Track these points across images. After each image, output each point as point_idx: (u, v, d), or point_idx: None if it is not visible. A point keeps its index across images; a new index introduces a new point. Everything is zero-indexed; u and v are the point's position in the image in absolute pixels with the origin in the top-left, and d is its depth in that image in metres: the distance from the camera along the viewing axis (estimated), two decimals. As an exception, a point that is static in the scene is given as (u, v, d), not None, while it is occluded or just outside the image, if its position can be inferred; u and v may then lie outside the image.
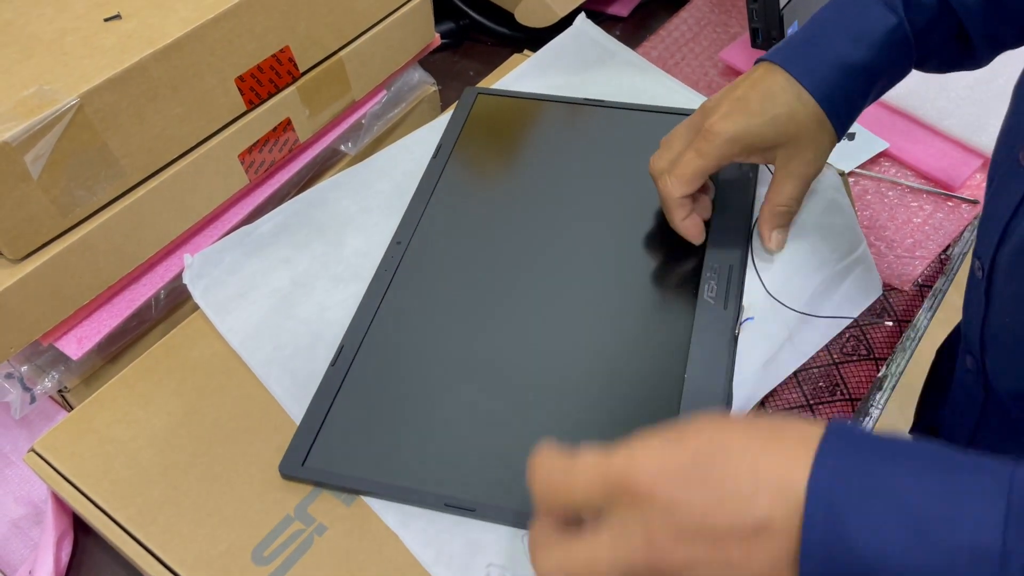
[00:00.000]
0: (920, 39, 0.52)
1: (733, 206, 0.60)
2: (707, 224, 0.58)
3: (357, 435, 0.49)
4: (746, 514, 0.30)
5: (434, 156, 0.65)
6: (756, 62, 0.56)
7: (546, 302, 0.55)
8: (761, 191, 0.62)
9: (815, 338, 0.56)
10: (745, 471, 0.31)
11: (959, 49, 0.54)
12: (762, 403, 0.56)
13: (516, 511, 0.46)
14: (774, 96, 0.52)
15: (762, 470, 0.30)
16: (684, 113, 0.66)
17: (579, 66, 0.74)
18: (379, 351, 0.53)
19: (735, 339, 0.52)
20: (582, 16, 0.78)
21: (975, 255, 0.51)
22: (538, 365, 0.52)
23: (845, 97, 0.52)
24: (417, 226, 0.60)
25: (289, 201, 0.63)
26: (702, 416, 0.34)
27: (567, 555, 0.33)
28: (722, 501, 0.30)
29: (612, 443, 0.34)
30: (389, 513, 0.47)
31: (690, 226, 0.56)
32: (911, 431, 0.80)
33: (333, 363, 0.52)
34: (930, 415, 0.73)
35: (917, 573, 0.28)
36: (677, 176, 0.53)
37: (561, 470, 0.34)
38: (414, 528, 0.47)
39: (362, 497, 0.48)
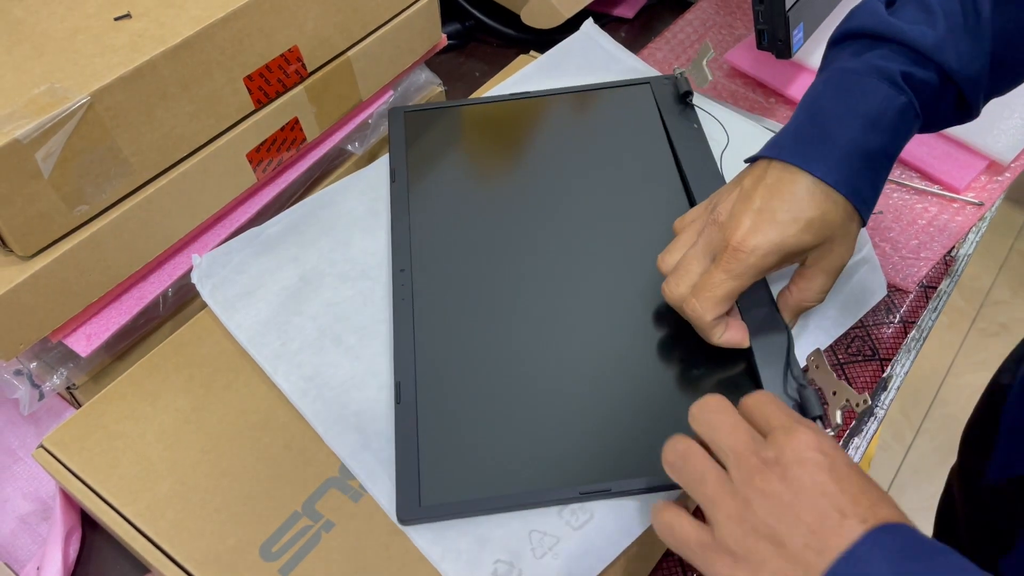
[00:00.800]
0: (925, 112, 0.51)
1: (697, 157, 0.63)
2: (684, 180, 0.62)
3: (457, 460, 0.49)
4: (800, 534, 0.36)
5: (393, 181, 0.65)
6: (753, 159, 0.52)
7: (561, 284, 0.57)
8: (713, 146, 0.66)
9: (820, 338, 0.57)
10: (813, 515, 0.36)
11: (958, 113, 0.54)
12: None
13: (647, 475, 0.47)
14: (801, 200, 0.48)
15: (819, 520, 0.36)
16: (611, 87, 0.71)
17: (585, 71, 0.74)
18: (436, 375, 0.53)
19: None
20: (589, 21, 0.78)
21: None
22: (581, 342, 0.54)
23: (871, 186, 0.50)
24: (411, 250, 0.59)
25: (296, 204, 0.64)
26: (808, 438, 0.38)
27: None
28: (796, 519, 0.36)
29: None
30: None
31: (731, 338, 0.51)
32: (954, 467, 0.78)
33: (398, 400, 0.51)
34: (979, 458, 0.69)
35: None
36: (708, 300, 0.49)
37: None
38: (421, 524, 0.47)
39: (369, 492, 0.48)
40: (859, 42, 0.52)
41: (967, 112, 0.54)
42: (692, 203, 0.61)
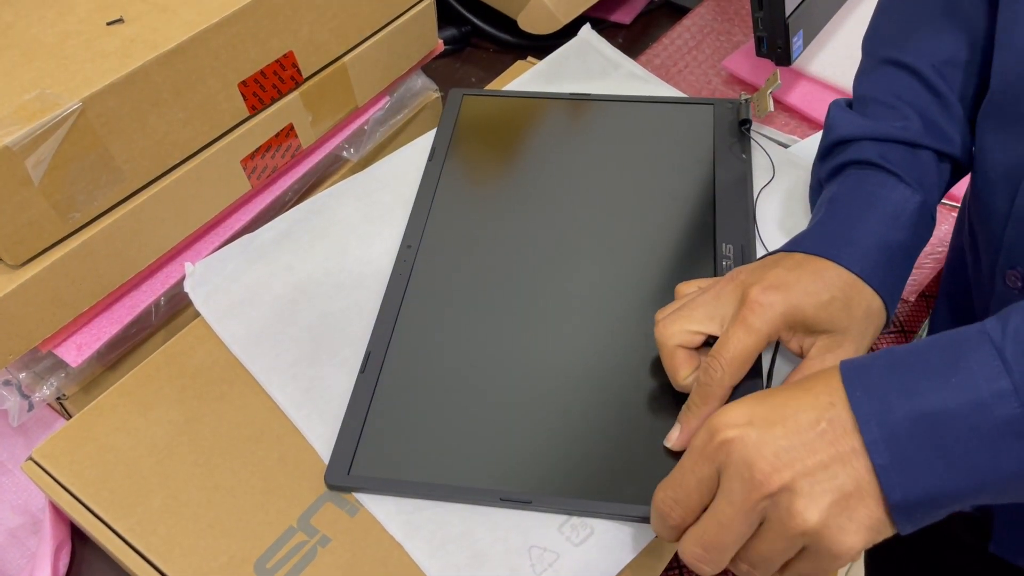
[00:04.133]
0: (934, 197, 0.52)
1: (733, 191, 0.61)
2: (713, 211, 0.60)
3: (399, 439, 0.49)
4: (816, 407, 0.37)
5: (430, 159, 0.65)
6: (774, 252, 0.50)
7: (561, 291, 0.56)
8: (757, 177, 0.63)
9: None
10: (797, 392, 0.38)
11: (956, 178, 0.55)
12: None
13: (572, 499, 0.46)
14: (828, 280, 0.46)
15: (808, 387, 0.38)
16: (673, 102, 0.69)
17: (582, 76, 0.73)
18: (406, 354, 0.53)
19: None
20: (587, 27, 0.77)
21: None
22: (567, 353, 0.52)
23: (895, 281, 0.49)
24: (424, 229, 0.60)
25: (291, 210, 0.63)
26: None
27: (699, 532, 0.39)
28: (796, 412, 0.37)
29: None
30: (394, 524, 0.47)
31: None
32: None
33: (362, 370, 0.52)
34: None
35: (945, 407, 0.34)
36: (727, 362, 0.44)
37: (669, 486, 0.40)
38: (419, 539, 0.46)
39: (366, 507, 0.47)
40: (851, 147, 0.53)
41: (962, 173, 0.55)
42: (714, 236, 0.58)
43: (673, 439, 0.46)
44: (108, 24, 0.54)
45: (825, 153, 0.56)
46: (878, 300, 0.47)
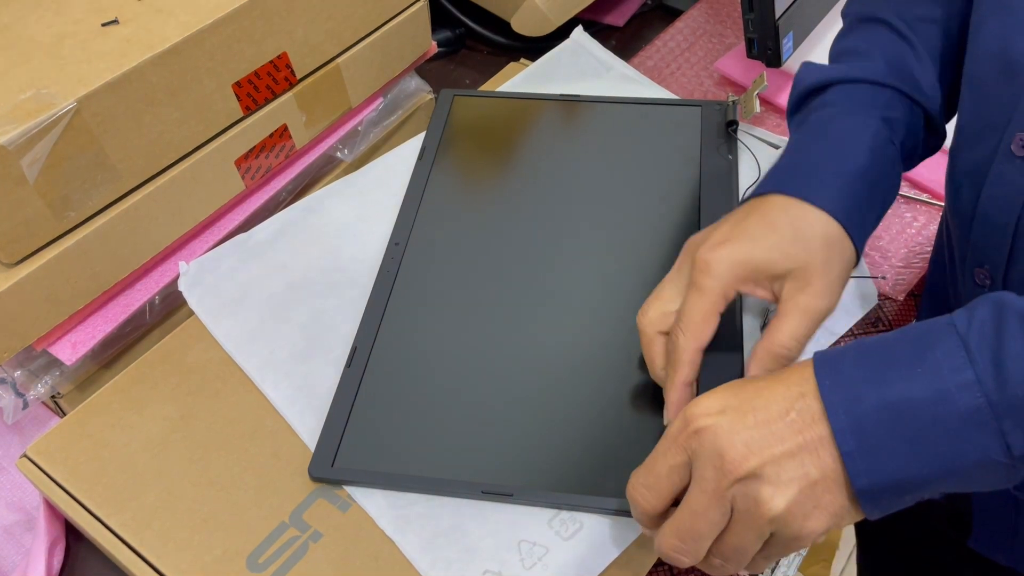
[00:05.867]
0: (901, 137, 0.51)
1: (718, 190, 0.62)
2: (698, 210, 0.60)
3: (383, 432, 0.50)
4: (787, 398, 0.37)
5: (419, 158, 0.66)
6: (740, 203, 0.50)
7: (547, 289, 0.56)
8: (745, 177, 0.64)
9: (812, 346, 0.56)
10: (771, 382, 0.39)
11: (930, 138, 0.55)
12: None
13: (552, 492, 0.47)
14: (773, 217, 0.46)
15: (781, 377, 0.39)
16: (662, 104, 0.69)
17: (575, 78, 0.74)
18: (392, 349, 0.54)
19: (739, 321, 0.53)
20: (579, 29, 0.78)
21: (1018, 128, 0.43)
22: (552, 350, 0.53)
23: (852, 205, 0.46)
24: (412, 226, 0.61)
25: (285, 209, 0.63)
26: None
27: (674, 524, 0.39)
28: (768, 402, 0.38)
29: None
30: (385, 519, 0.47)
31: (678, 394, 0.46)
32: None
33: (348, 364, 0.53)
34: None
35: (911, 396, 0.35)
36: (685, 325, 0.45)
37: (642, 473, 0.41)
38: (410, 534, 0.46)
39: (358, 503, 0.48)
40: (817, 96, 0.53)
41: (936, 134, 0.55)
42: None
43: (666, 417, 0.47)
44: (103, 25, 0.54)
45: (794, 109, 0.56)
46: (835, 225, 0.45)
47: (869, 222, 0.48)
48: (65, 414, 0.58)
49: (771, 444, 0.37)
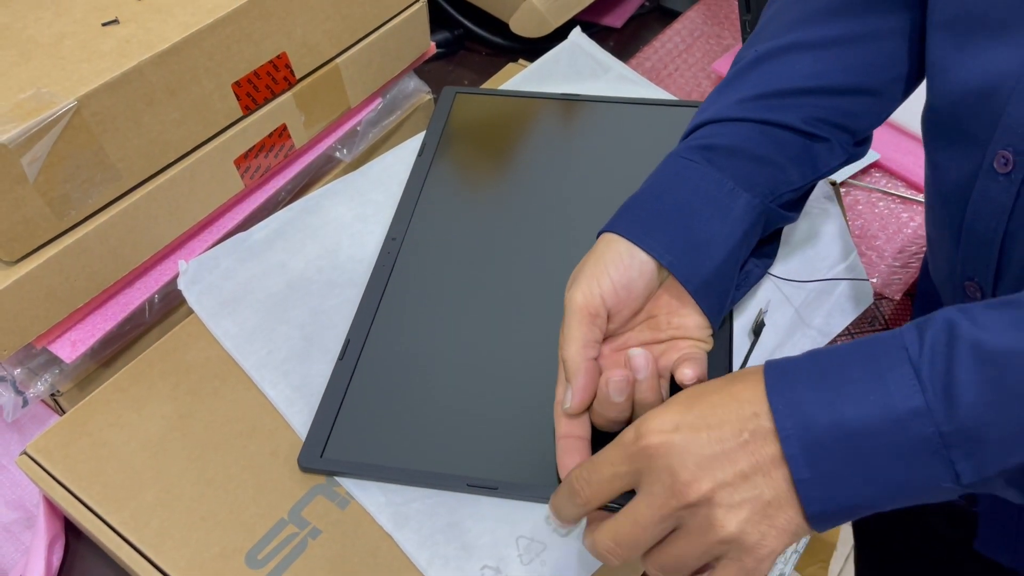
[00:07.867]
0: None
1: None
2: None
3: (373, 424, 0.50)
4: (740, 418, 0.37)
5: (419, 154, 0.66)
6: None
7: (540, 286, 0.57)
8: None
9: (807, 346, 0.57)
10: (725, 398, 0.38)
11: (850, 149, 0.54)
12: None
13: (538, 487, 0.47)
14: (598, 251, 0.48)
15: (735, 393, 0.38)
16: (659, 104, 0.69)
17: (573, 79, 0.74)
18: (385, 342, 0.54)
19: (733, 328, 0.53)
20: (577, 30, 0.78)
21: (999, 146, 0.43)
22: (544, 347, 0.53)
23: (647, 231, 0.48)
24: (410, 222, 0.61)
25: (284, 208, 0.64)
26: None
27: (614, 526, 0.39)
28: (721, 421, 0.37)
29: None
30: (383, 516, 0.47)
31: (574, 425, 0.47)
32: None
33: (341, 356, 0.53)
34: None
35: (864, 422, 0.35)
36: (567, 354, 0.47)
37: (587, 468, 0.40)
38: (408, 531, 0.47)
39: (356, 499, 0.48)
40: (691, 135, 0.54)
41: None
42: None
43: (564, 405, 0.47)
44: (103, 25, 0.54)
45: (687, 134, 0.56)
46: (637, 251, 0.47)
47: (678, 248, 0.49)
48: (65, 412, 0.58)
49: (723, 466, 0.37)
